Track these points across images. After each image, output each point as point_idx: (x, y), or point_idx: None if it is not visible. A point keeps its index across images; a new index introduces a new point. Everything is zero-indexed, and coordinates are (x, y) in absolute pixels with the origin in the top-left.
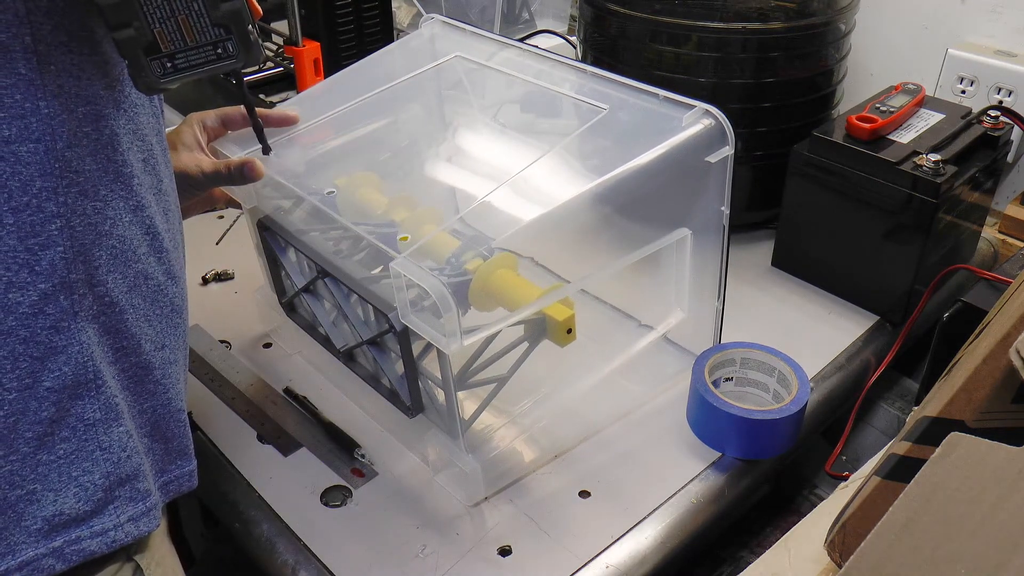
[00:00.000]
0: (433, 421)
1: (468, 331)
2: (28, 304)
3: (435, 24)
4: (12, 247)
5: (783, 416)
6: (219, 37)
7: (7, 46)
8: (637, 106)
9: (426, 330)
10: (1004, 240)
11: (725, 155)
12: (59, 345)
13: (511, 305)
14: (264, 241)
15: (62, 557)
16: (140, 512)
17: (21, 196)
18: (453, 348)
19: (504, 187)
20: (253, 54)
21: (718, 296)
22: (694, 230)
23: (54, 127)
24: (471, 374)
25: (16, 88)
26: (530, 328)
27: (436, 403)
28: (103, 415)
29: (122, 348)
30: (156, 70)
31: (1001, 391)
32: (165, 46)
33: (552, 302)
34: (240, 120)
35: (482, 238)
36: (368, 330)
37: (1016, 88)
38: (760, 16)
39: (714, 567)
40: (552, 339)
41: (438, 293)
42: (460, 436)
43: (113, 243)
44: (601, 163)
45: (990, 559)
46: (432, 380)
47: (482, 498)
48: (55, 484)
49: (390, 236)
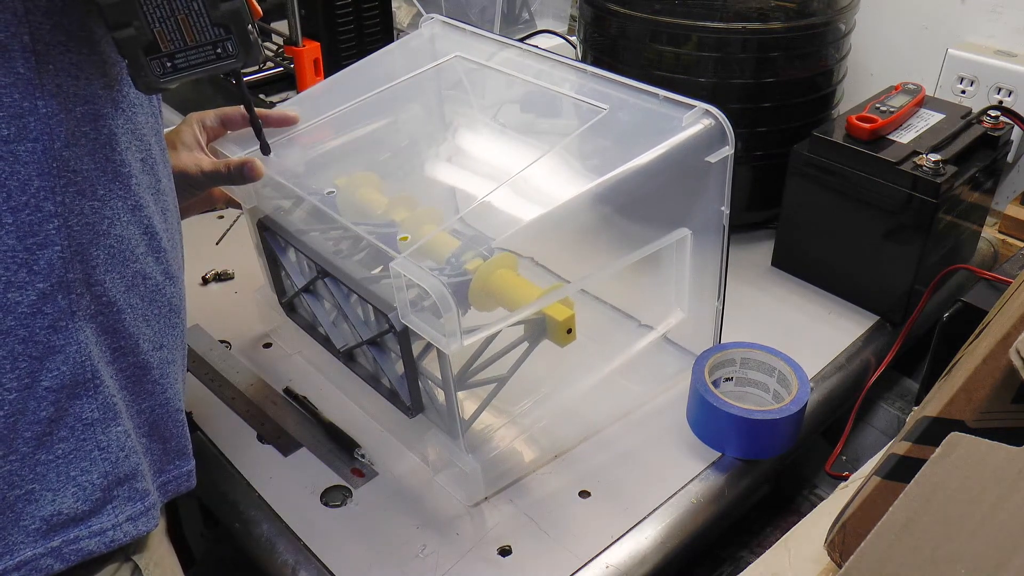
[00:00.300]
0: (433, 421)
1: (468, 331)
2: (27, 304)
3: (435, 24)
4: (11, 246)
5: (783, 416)
6: (219, 37)
7: (5, 45)
8: (637, 106)
9: (426, 330)
10: (1004, 240)
11: (725, 155)
12: (57, 345)
13: (511, 305)
14: (264, 241)
15: (60, 557)
16: (139, 512)
17: (19, 196)
18: (453, 348)
19: (504, 187)
20: (253, 54)
21: (718, 296)
22: (694, 230)
23: (52, 127)
24: (471, 374)
25: (15, 87)
26: (530, 328)
27: (436, 403)
28: (101, 415)
29: (120, 348)
30: (156, 70)
31: (1001, 391)
32: (165, 46)
33: (552, 302)
34: (240, 120)
35: (482, 238)
36: (368, 330)
37: (1016, 88)
38: (760, 16)
39: (714, 567)
40: (552, 339)
41: (438, 293)
42: (460, 436)
43: (111, 243)
44: (601, 163)
45: (990, 559)
46: (432, 380)
47: (482, 498)
48: (53, 484)
49: (390, 236)
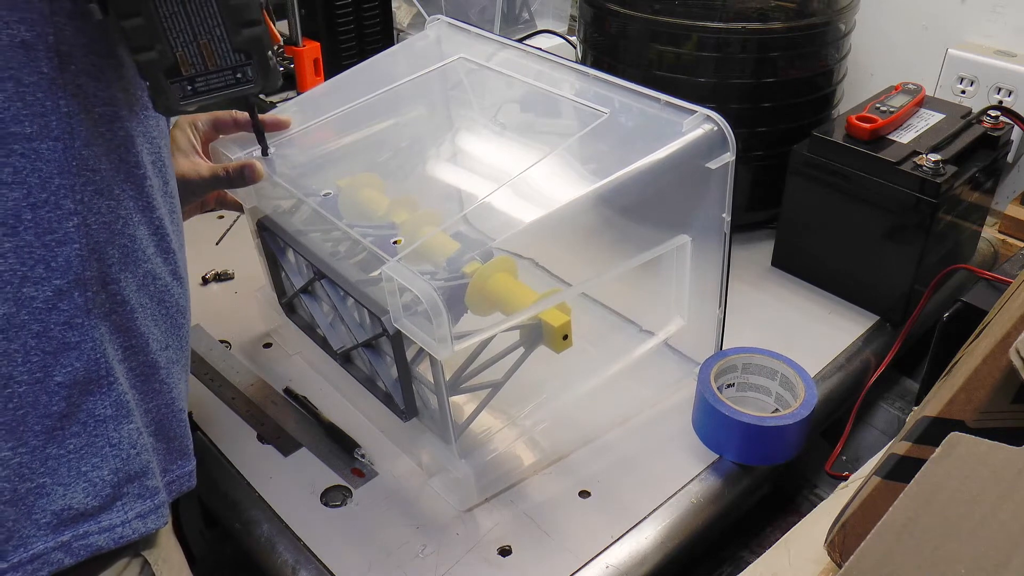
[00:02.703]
0: (427, 425)
1: (461, 336)
2: (42, 299)
3: (440, 25)
4: (29, 243)
5: (794, 421)
6: (239, 62)
7: (31, 44)
8: (637, 110)
9: (418, 335)
10: (1004, 240)
11: (726, 161)
12: (72, 341)
13: (507, 309)
14: (264, 241)
15: (70, 551)
16: (148, 509)
17: (40, 193)
18: (444, 354)
19: (503, 189)
20: (271, 80)
21: (719, 304)
22: (694, 236)
23: (73, 126)
24: (464, 379)
25: (38, 86)
26: (526, 333)
27: (430, 407)
28: (114, 411)
29: (131, 347)
30: (176, 93)
31: (1001, 391)
32: (186, 69)
33: (549, 307)
34: (231, 125)
35: (481, 240)
36: (364, 332)
37: (1016, 88)
38: (760, 16)
39: (714, 567)
40: (548, 345)
41: (428, 299)
42: (453, 441)
43: (125, 242)
44: (600, 167)
45: (990, 559)
46: (426, 384)
47: (474, 504)
48: (64, 478)
49: (385, 239)
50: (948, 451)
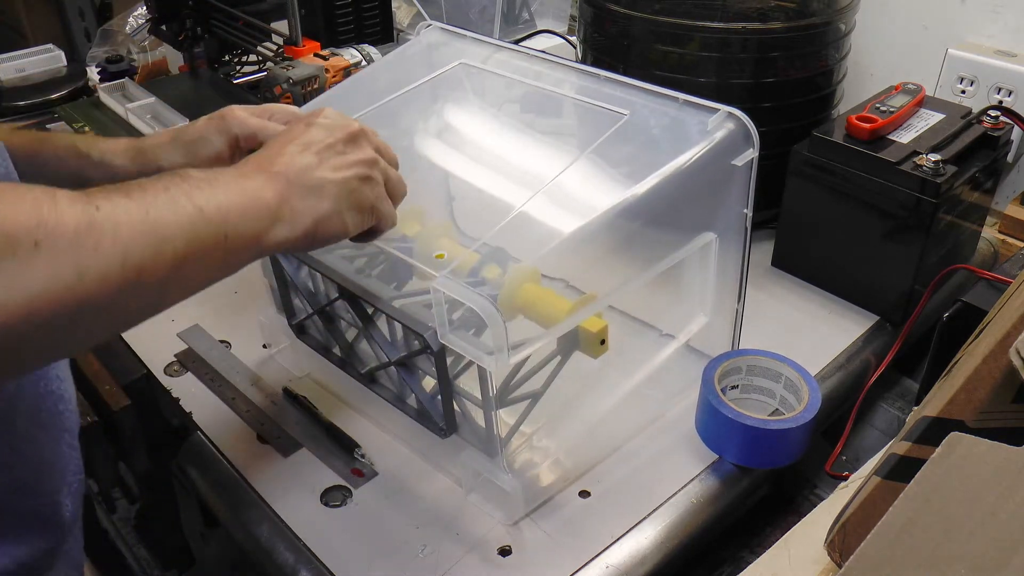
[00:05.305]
0: (468, 440)
1: (515, 347)
2: None
3: (433, 31)
4: None
5: (798, 425)
6: None
7: None
8: (658, 111)
9: (469, 349)
10: (1004, 240)
11: (750, 157)
12: None
13: (544, 320)
14: (274, 261)
15: None
16: None
17: None
18: (499, 366)
19: (531, 203)
20: None
21: (738, 298)
22: (719, 233)
23: None
24: (510, 391)
25: None
26: (562, 341)
27: (471, 422)
28: None
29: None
30: None
31: (1001, 391)
32: None
33: (589, 315)
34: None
35: (507, 255)
36: (395, 350)
37: (1016, 88)
38: (760, 16)
39: (714, 567)
40: (585, 351)
41: (487, 312)
42: (500, 454)
43: None
44: (632, 170)
45: (990, 559)
46: (469, 399)
47: (521, 516)
48: None
49: (425, 255)
50: (948, 451)
